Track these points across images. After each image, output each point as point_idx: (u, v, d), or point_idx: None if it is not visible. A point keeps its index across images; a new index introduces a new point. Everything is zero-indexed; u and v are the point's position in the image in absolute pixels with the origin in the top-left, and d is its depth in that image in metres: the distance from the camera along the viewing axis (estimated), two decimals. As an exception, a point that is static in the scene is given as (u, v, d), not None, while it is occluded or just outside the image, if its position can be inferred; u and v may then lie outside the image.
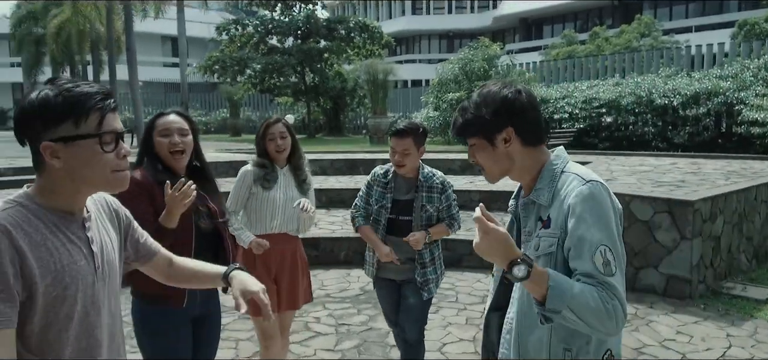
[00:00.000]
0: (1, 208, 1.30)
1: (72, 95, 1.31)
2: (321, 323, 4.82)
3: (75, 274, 1.35)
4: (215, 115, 31.48)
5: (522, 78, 17.53)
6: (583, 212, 1.44)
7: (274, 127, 3.21)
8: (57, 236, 1.34)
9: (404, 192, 3.19)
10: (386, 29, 42.09)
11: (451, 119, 1.69)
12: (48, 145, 1.29)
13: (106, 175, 1.37)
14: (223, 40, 25.42)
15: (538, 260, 1.47)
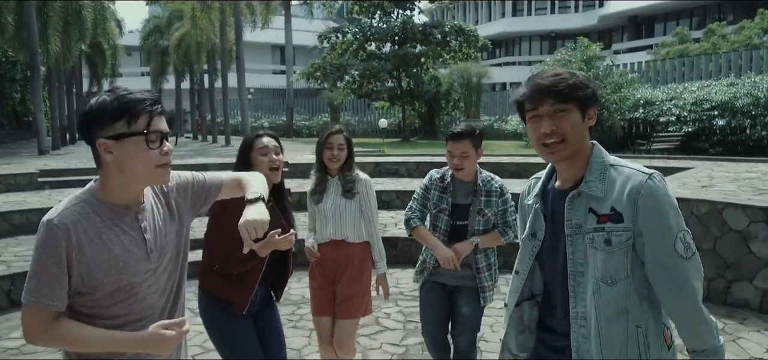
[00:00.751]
0: (67, 205, 1.54)
1: (126, 100, 1.54)
2: (390, 319, 5.01)
3: (127, 261, 1.57)
4: (317, 120, 32.82)
5: (623, 79, 16.69)
6: (657, 204, 1.50)
7: (334, 137, 3.24)
8: (112, 229, 1.57)
9: (463, 196, 3.12)
10: (485, 32, 41.92)
11: (532, 85, 1.60)
12: (103, 141, 1.53)
13: (151, 169, 1.57)
14: (325, 48, 26.50)
15: (613, 254, 1.52)
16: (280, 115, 33.01)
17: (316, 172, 3.36)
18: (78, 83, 31.86)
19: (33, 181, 9.74)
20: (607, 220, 1.53)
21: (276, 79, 45.31)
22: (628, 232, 1.52)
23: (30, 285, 1.50)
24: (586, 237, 1.56)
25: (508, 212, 3.13)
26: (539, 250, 1.70)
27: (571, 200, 1.60)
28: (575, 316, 1.59)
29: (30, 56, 17.03)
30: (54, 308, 1.51)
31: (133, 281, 1.60)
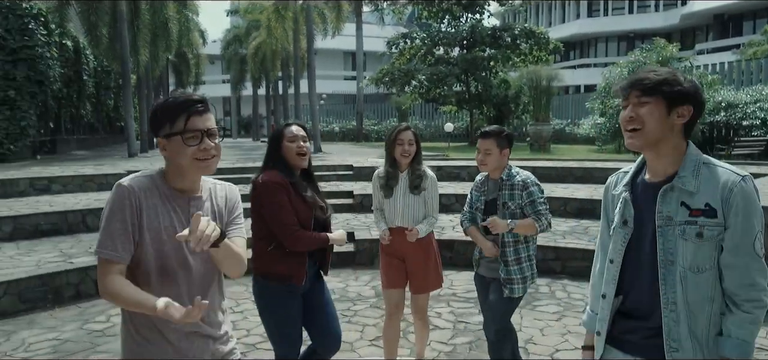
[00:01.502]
0: (138, 175, 1.82)
1: (167, 104, 1.79)
2: (441, 318, 5.18)
3: (170, 233, 1.79)
4: (386, 124, 33.26)
5: (703, 80, 15.90)
6: (747, 205, 1.63)
7: (404, 133, 3.59)
8: (165, 205, 1.82)
9: (491, 192, 3.39)
10: (559, 33, 40.94)
11: (634, 77, 1.75)
12: (159, 140, 1.83)
13: (190, 162, 1.79)
14: (393, 53, 26.87)
15: (703, 245, 1.65)
16: (351, 120, 33.73)
17: (387, 167, 3.68)
18: (165, 90, 34.00)
19: (118, 177, 10.62)
20: (701, 214, 1.66)
21: (347, 85, 46.28)
22: (719, 228, 1.65)
23: (99, 238, 1.75)
24: (677, 228, 1.68)
25: (537, 203, 3.28)
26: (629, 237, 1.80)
27: (664, 193, 1.71)
28: (666, 302, 1.70)
29: (122, 66, 18.45)
30: (116, 258, 1.72)
31: (170, 260, 1.81)
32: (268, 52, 26.76)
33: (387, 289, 3.77)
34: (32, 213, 7.62)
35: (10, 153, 15.24)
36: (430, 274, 3.73)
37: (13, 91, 15.40)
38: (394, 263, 3.72)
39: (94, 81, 23.08)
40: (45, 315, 5.31)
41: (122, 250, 1.74)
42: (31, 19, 15.95)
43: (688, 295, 1.68)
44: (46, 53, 16.40)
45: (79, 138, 23.23)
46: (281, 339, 3.06)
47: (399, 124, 3.72)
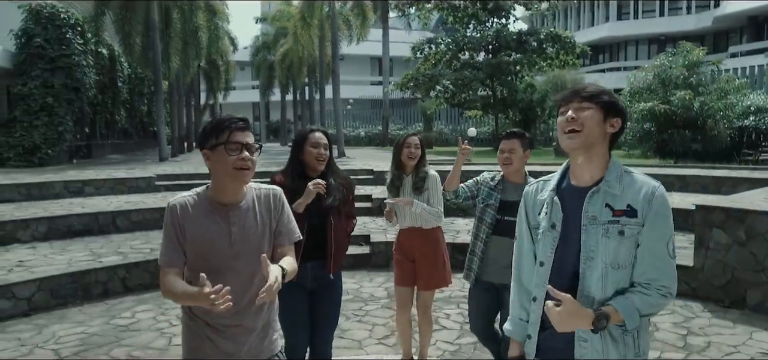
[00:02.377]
0: (185, 194, 2.11)
1: (214, 122, 2.09)
2: (450, 319, 5.32)
3: (211, 245, 2.06)
4: (411, 129, 33.44)
5: (730, 85, 15.62)
6: (662, 209, 1.81)
7: (411, 138, 3.92)
8: (207, 218, 2.08)
9: (512, 193, 3.35)
10: (588, 37, 40.42)
11: (574, 88, 1.94)
12: (204, 151, 2.09)
13: (229, 170, 2.04)
14: (419, 59, 27.03)
15: (623, 243, 1.80)
16: (377, 125, 34.01)
17: (393, 169, 3.98)
18: (196, 96, 34.85)
19: (151, 184, 11.08)
20: (623, 214, 1.82)
21: (374, 90, 46.55)
22: (638, 226, 1.81)
23: (160, 250, 2.09)
24: (600, 227, 1.83)
25: None
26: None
27: (591, 195, 1.87)
28: (581, 293, 1.84)
29: (153, 73, 19.08)
30: (166, 264, 2.04)
31: (216, 263, 2.06)
32: (295, 59, 27.23)
33: (399, 286, 4.05)
34: (66, 214, 8.03)
35: (48, 157, 15.92)
36: (436, 272, 3.95)
37: (51, 98, 16.10)
38: (405, 262, 3.99)
39: (128, 88, 23.86)
40: (75, 310, 5.64)
41: (175, 260, 2.06)
42: (68, 28, 16.67)
43: (606, 289, 1.82)
44: (83, 61, 17.10)
45: (113, 143, 24.04)
46: (285, 331, 3.13)
47: (407, 131, 4.02)
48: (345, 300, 5.93)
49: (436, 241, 3.97)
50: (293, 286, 3.14)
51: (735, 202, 5.81)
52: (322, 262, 3.22)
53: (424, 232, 3.93)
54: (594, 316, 1.75)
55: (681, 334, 4.80)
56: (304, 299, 3.22)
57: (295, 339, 3.19)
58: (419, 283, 4.00)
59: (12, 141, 15.69)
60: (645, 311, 1.80)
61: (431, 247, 3.95)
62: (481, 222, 3.47)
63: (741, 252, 5.38)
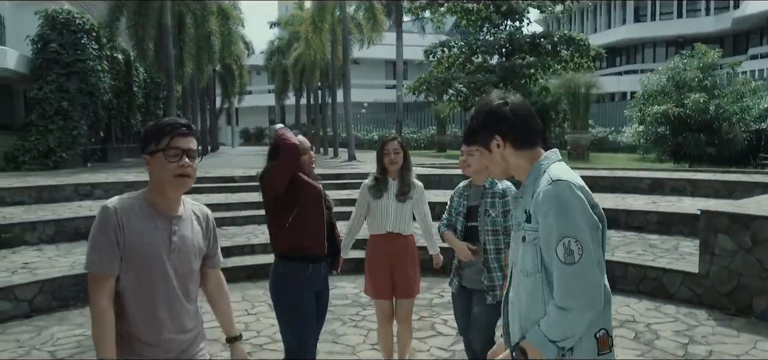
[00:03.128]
0: (122, 196, 2.01)
1: (156, 125, 2.01)
2: (446, 325, 5.26)
3: (151, 249, 1.97)
4: (425, 132, 33.37)
5: (746, 87, 15.33)
6: (547, 208, 1.66)
7: (390, 144, 3.82)
8: (147, 223, 1.98)
9: (474, 199, 3.39)
10: (604, 39, 40.03)
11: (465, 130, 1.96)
12: (144, 156, 2.02)
13: (170, 178, 1.97)
14: (432, 62, 26.99)
15: (527, 249, 1.74)
16: (390, 128, 33.98)
17: (377, 173, 3.90)
18: (211, 100, 35.20)
19: (160, 188, 11.15)
20: (526, 220, 1.77)
21: (388, 94, 46.58)
22: (534, 232, 1.72)
23: (88, 257, 1.93)
24: (518, 233, 1.81)
25: (509, 216, 3.25)
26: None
27: (515, 201, 1.88)
28: (505, 300, 1.86)
29: (166, 78, 19.29)
30: (103, 273, 1.90)
31: (154, 271, 1.98)
32: (308, 63, 27.34)
33: (378, 299, 3.93)
34: (73, 217, 8.13)
35: (63, 160, 16.16)
36: (415, 278, 3.89)
37: (66, 103, 16.35)
38: (382, 272, 3.86)
39: (143, 92, 24.13)
40: (76, 313, 5.69)
41: (111, 265, 1.92)
42: (83, 34, 16.93)
43: (520, 296, 1.77)
44: (97, 66, 17.35)
45: (129, 146, 24.34)
46: (294, 324, 3.18)
47: (387, 135, 3.96)
48: (343, 304, 5.95)
49: (413, 247, 3.92)
50: (306, 288, 3.23)
51: (740, 207, 5.68)
52: (326, 263, 3.35)
53: (403, 238, 3.85)
54: (510, 357, 1.72)
55: (682, 343, 4.69)
56: (313, 299, 3.28)
57: (305, 336, 3.23)
58: (399, 292, 3.88)
59: (27, 144, 15.96)
60: (553, 335, 1.64)
61: (410, 252, 3.87)
62: (455, 232, 3.48)
63: (747, 258, 5.25)
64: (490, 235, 3.31)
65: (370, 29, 24.50)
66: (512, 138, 1.80)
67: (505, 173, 1.85)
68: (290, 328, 3.22)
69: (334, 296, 6.15)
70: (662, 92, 15.90)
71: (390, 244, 3.83)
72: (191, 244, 2.08)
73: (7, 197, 9.47)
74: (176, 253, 2.03)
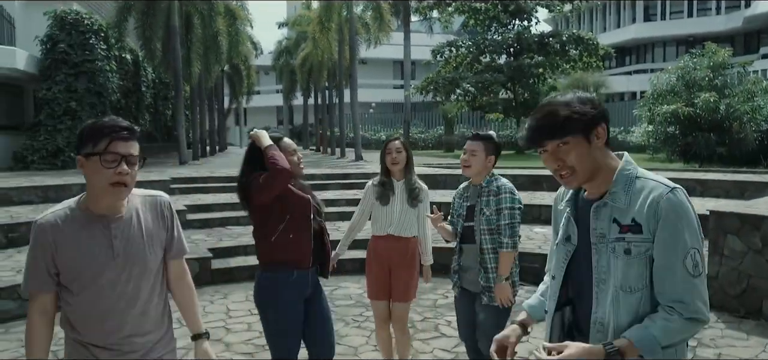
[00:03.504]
0: (54, 209, 1.90)
1: (95, 125, 1.84)
2: (450, 327, 5.20)
3: (91, 260, 1.85)
4: (433, 132, 33.31)
5: (757, 86, 15.14)
6: (676, 218, 1.54)
7: (392, 143, 3.79)
8: (84, 231, 1.86)
9: (472, 198, 3.32)
10: (614, 38, 39.75)
11: (528, 127, 1.68)
12: (79, 157, 1.86)
13: (105, 186, 1.82)
14: (439, 62, 26.91)
15: (631, 263, 1.58)
16: (398, 128, 33.95)
17: (381, 176, 3.85)
18: (220, 100, 35.28)
19: (166, 187, 11.17)
20: (628, 230, 1.59)
21: (397, 94, 46.52)
22: (646, 243, 1.58)
23: (24, 276, 1.93)
24: (609, 246, 1.62)
25: (502, 215, 3.18)
26: (573, 254, 1.75)
27: (596, 210, 1.66)
28: (594, 321, 1.65)
29: (174, 78, 19.35)
30: (35, 288, 1.88)
31: (97, 280, 1.88)
32: (315, 63, 27.33)
33: (376, 300, 3.90)
34: (79, 217, 8.13)
35: (71, 160, 16.22)
36: (412, 282, 3.82)
37: (74, 103, 16.44)
38: (379, 273, 3.82)
39: (152, 92, 24.25)
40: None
41: (41, 282, 1.88)
42: (92, 34, 17.02)
43: (619, 316, 1.61)
44: (106, 66, 17.43)
45: (137, 146, 24.41)
46: (280, 337, 3.07)
47: (390, 135, 3.91)
48: (346, 304, 5.91)
49: (413, 251, 3.85)
50: (294, 296, 3.09)
51: (751, 208, 5.58)
52: (315, 269, 3.18)
53: (404, 241, 3.79)
54: (604, 353, 1.54)
55: (691, 346, 4.59)
56: (301, 306, 3.13)
57: (293, 343, 3.11)
58: (395, 294, 3.81)
59: (36, 144, 16.06)
60: (667, 340, 1.55)
61: (409, 256, 3.81)
62: (456, 230, 3.43)
63: (757, 259, 5.15)
64: (487, 234, 3.23)
65: (377, 29, 24.46)
66: (607, 132, 1.66)
67: (590, 174, 1.65)
68: (273, 344, 3.11)
69: (338, 296, 6.13)
70: (672, 92, 15.73)
71: (389, 246, 3.77)
72: (139, 243, 1.96)
73: (15, 197, 9.51)
74: (122, 259, 1.91)
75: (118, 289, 1.92)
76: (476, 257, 3.28)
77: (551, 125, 1.61)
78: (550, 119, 1.62)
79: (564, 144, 1.61)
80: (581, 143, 1.61)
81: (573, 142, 1.61)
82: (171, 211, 2.09)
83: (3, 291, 5.43)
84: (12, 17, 17.99)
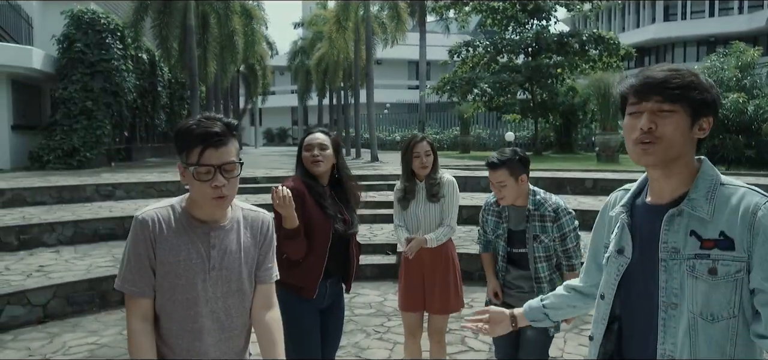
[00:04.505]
0: (156, 206, 1.77)
1: (185, 130, 1.68)
2: (478, 340, 4.92)
3: (187, 267, 1.72)
4: (448, 133, 32.97)
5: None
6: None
7: (419, 145, 3.46)
8: (182, 236, 1.73)
9: (515, 222, 3.06)
10: (633, 39, 39.10)
11: (645, 75, 1.44)
12: (179, 165, 1.74)
13: (206, 200, 1.69)
14: (456, 62, 26.58)
15: (718, 287, 1.33)
16: (413, 129, 33.66)
17: (404, 180, 3.56)
18: (235, 101, 35.30)
19: (181, 187, 10.99)
20: (714, 245, 1.33)
21: (411, 94, 46.31)
22: (739, 263, 1.31)
23: (123, 273, 1.74)
24: (684, 263, 1.36)
25: (568, 238, 2.98)
26: (625, 270, 1.51)
27: (671, 219, 1.40)
28: (662, 354, 1.40)
29: (190, 78, 19.26)
30: (138, 294, 1.71)
31: (189, 292, 1.73)
32: (331, 63, 27.19)
33: (407, 312, 3.61)
34: (92, 218, 7.99)
35: (87, 160, 16.18)
36: (449, 292, 3.53)
37: (90, 102, 16.38)
38: (413, 283, 3.55)
39: (168, 92, 24.21)
40: (91, 318, 5.50)
41: (143, 285, 1.72)
42: (108, 33, 16.96)
43: (697, 349, 1.34)
44: (122, 66, 17.37)
45: (153, 146, 24.41)
46: (295, 353, 2.90)
47: (414, 136, 3.58)
48: (367, 314, 5.65)
49: (447, 257, 3.55)
50: (307, 306, 2.88)
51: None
52: (337, 279, 3.00)
53: (440, 247, 3.51)
54: None
55: None
56: (317, 318, 2.96)
57: (310, 351, 2.93)
58: (430, 307, 3.53)
59: (52, 144, 16.01)
60: None
61: (442, 263, 3.52)
62: (496, 249, 3.17)
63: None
64: (544, 261, 2.99)
65: (394, 28, 24.22)
66: (705, 131, 1.42)
67: (671, 159, 1.40)
68: (289, 354, 2.89)
69: (358, 304, 5.88)
70: (697, 92, 15.32)
71: (421, 254, 3.47)
72: (237, 259, 1.80)
73: (28, 197, 9.39)
74: (217, 271, 1.77)
75: (208, 305, 1.76)
76: (529, 284, 3.06)
77: (670, 82, 1.37)
78: (671, 76, 1.38)
79: (670, 110, 1.37)
80: (685, 121, 1.38)
81: (680, 114, 1.37)
82: (270, 232, 1.93)
83: (12, 297, 5.25)
84: (30, 17, 18.01)
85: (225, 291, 1.79)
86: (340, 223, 2.92)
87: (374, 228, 8.70)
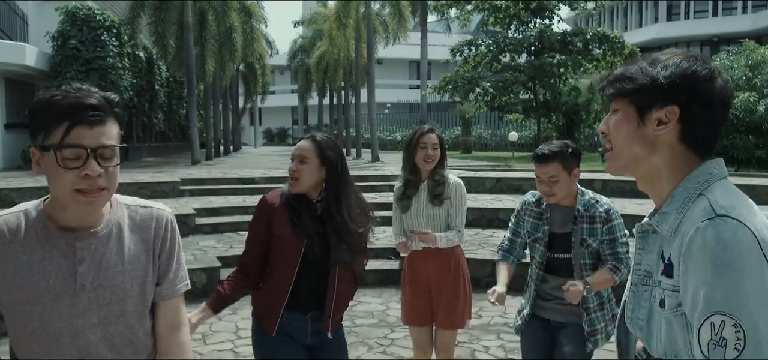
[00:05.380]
0: (7, 211, 1.35)
1: (46, 101, 1.26)
2: (488, 353, 4.60)
3: (43, 290, 1.30)
4: (449, 133, 32.65)
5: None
6: (697, 260, 1.02)
7: (427, 136, 3.16)
8: (36, 250, 1.31)
9: (560, 224, 2.71)
10: (636, 38, 38.77)
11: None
12: (32, 149, 1.29)
13: (67, 194, 1.26)
14: (458, 61, 26.28)
15: (672, 323, 1.10)
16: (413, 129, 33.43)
17: (406, 176, 3.21)
18: (235, 100, 34.96)
19: (175, 188, 10.67)
20: (664, 271, 1.12)
21: (412, 94, 46.08)
22: (677, 294, 1.08)
23: None
24: (655, 290, 1.15)
25: (618, 243, 2.64)
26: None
27: (644, 237, 1.20)
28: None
29: (187, 75, 18.94)
30: None
31: (50, 321, 1.31)
32: (331, 62, 26.89)
33: (413, 326, 3.27)
34: (81, 220, 7.64)
35: (80, 160, 15.88)
36: (458, 306, 3.18)
37: (84, 100, 16.06)
38: (419, 295, 3.20)
39: (166, 91, 23.92)
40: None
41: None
42: (104, 30, 16.65)
43: None
44: (117, 64, 17.05)
45: (150, 146, 24.12)
46: None
47: (421, 126, 3.25)
48: (368, 324, 5.30)
49: (457, 266, 3.20)
50: (287, 341, 2.38)
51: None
52: (318, 315, 2.41)
53: (442, 255, 3.17)
54: None
55: None
56: (299, 355, 2.44)
57: None
58: (438, 320, 3.20)
59: (46, 143, 15.72)
60: None
61: (451, 272, 3.18)
62: (532, 255, 2.80)
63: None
64: (590, 269, 2.65)
65: (395, 26, 23.91)
66: (690, 123, 1.12)
67: (633, 165, 1.20)
68: None
69: (359, 314, 5.54)
70: (706, 91, 15.00)
71: (427, 262, 3.15)
72: (118, 273, 1.37)
73: (16, 198, 9.04)
74: (89, 293, 1.33)
75: (78, 338, 1.33)
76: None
77: (616, 75, 1.21)
78: (622, 70, 1.21)
79: (615, 110, 1.20)
80: (630, 118, 1.16)
81: (622, 111, 1.18)
82: (171, 232, 1.48)
83: None
84: (25, 14, 17.70)
85: (103, 317, 1.35)
86: (317, 246, 2.35)
87: (375, 231, 8.36)
